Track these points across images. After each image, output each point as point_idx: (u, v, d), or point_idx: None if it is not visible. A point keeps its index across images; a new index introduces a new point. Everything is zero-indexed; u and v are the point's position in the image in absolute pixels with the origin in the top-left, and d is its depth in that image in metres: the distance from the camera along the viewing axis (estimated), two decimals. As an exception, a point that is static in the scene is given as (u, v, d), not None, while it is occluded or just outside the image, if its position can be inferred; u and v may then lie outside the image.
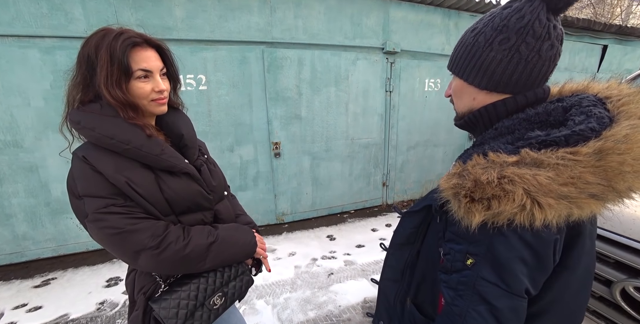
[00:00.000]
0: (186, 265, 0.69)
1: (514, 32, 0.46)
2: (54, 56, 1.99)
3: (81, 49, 0.63)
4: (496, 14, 0.49)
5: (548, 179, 0.38)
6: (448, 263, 0.49)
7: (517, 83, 0.49)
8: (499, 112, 0.52)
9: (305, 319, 1.71)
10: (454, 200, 0.45)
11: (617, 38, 4.10)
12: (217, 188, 0.83)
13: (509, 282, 0.44)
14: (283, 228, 2.89)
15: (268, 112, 2.60)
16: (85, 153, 0.63)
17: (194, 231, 0.71)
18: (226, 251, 0.75)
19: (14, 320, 1.72)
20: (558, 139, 0.41)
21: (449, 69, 0.57)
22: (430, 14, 2.98)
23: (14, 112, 1.99)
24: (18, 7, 1.87)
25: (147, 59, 0.64)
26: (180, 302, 0.68)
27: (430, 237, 0.60)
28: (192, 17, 2.22)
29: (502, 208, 0.40)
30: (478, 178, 0.42)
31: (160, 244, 0.64)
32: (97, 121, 0.62)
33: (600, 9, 8.64)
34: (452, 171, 0.47)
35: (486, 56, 0.49)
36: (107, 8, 2.03)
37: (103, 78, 0.60)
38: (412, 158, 3.41)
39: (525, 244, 0.43)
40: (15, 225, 2.16)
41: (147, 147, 0.65)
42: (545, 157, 0.40)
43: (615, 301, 0.85)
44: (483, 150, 0.47)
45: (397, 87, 3.06)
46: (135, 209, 0.64)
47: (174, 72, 0.74)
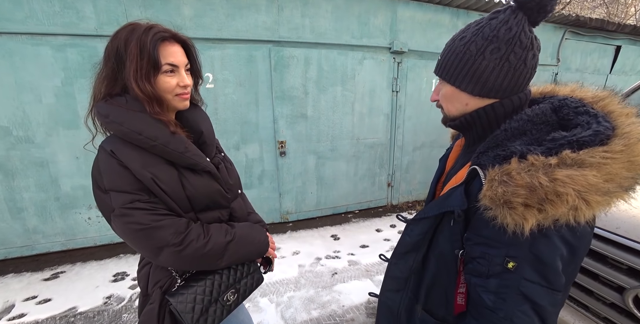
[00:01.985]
0: (205, 262, 0.70)
1: (503, 42, 0.49)
2: (65, 54, 2.02)
3: (110, 43, 0.63)
4: (484, 24, 0.51)
5: (595, 177, 0.40)
6: (483, 267, 0.49)
7: (505, 89, 0.53)
8: (498, 113, 0.55)
9: (308, 319, 1.72)
10: (501, 208, 0.44)
11: (631, 38, 4.00)
12: (234, 186, 0.84)
13: (551, 280, 0.46)
14: (287, 227, 2.89)
15: (274, 111, 2.61)
16: (113, 147, 0.63)
17: (213, 229, 0.72)
18: (242, 250, 0.76)
19: (24, 311, 1.76)
20: (589, 139, 0.44)
21: (438, 75, 0.58)
22: (439, 13, 2.95)
23: (26, 109, 2.03)
24: (31, 6, 1.90)
25: (174, 53, 0.65)
26: (196, 297, 0.69)
27: (441, 240, 0.59)
28: (200, 16, 2.23)
29: (556, 211, 0.41)
30: (531, 184, 0.42)
31: (182, 242, 0.65)
32: (125, 115, 0.62)
33: (614, 8, 8.44)
34: (492, 177, 0.46)
35: (479, 65, 0.51)
36: (117, 6, 2.05)
37: (132, 71, 0.61)
38: (418, 159, 3.39)
39: (565, 242, 0.46)
40: (27, 219, 2.21)
41: (173, 144, 0.66)
42: (587, 157, 0.42)
43: (627, 308, 0.83)
44: (510, 152, 0.47)
45: (403, 87, 3.03)
46: (158, 206, 0.65)
47: (197, 68, 0.75)
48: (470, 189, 0.53)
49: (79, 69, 2.07)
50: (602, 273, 0.88)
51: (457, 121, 0.60)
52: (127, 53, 0.61)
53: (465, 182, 0.54)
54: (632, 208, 0.87)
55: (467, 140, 0.65)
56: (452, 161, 0.72)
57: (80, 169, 2.24)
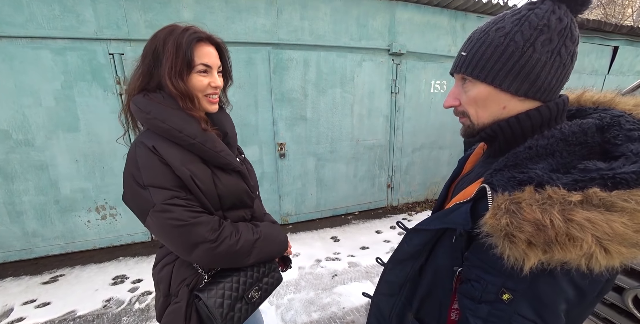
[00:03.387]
0: (234, 259, 0.72)
1: (556, 33, 0.42)
2: (65, 57, 2.03)
3: (149, 42, 0.66)
4: (526, 13, 0.43)
5: (623, 225, 0.33)
6: (476, 292, 0.44)
7: (552, 89, 0.45)
8: (526, 126, 0.46)
9: (309, 321, 1.71)
10: (502, 239, 0.39)
11: (629, 39, 4.02)
12: (254, 188, 0.86)
13: (547, 320, 0.40)
14: (287, 229, 2.89)
15: (273, 113, 2.61)
16: (155, 144, 0.64)
17: (242, 227, 0.75)
18: (267, 248, 0.78)
19: (23, 315, 1.76)
20: (629, 178, 0.35)
21: (467, 74, 0.48)
22: (437, 15, 2.97)
23: (26, 112, 2.04)
24: (31, 9, 1.91)
25: (209, 54, 0.67)
26: (224, 293, 0.71)
27: (441, 253, 0.54)
28: (200, 19, 2.25)
29: (564, 255, 0.35)
30: (541, 221, 0.36)
31: (217, 238, 0.67)
32: (166, 113, 0.64)
33: (611, 9, 8.49)
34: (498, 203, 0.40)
35: (528, 58, 0.43)
36: (117, 10, 2.07)
37: (167, 68, 0.63)
38: (417, 160, 3.39)
39: (574, 286, 0.39)
40: (26, 222, 2.21)
41: (209, 143, 0.68)
42: (619, 200, 0.34)
43: (627, 308, 0.83)
44: (527, 177, 0.41)
45: (402, 89, 3.05)
46: (194, 203, 0.67)
47: (228, 70, 0.77)
48: (478, 207, 0.46)
49: (79, 72, 2.08)
50: (601, 273, 0.88)
51: (479, 135, 0.51)
52: (164, 51, 0.63)
53: (473, 200, 0.47)
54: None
55: (490, 149, 0.57)
56: (471, 164, 0.66)
57: (79, 172, 2.24)
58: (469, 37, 0.50)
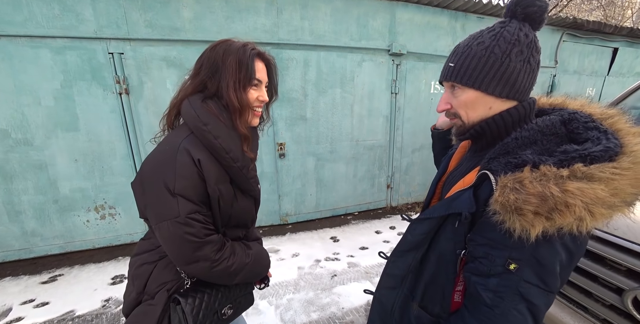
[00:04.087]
0: (224, 278, 0.73)
1: (525, 46, 0.53)
2: (64, 56, 2.02)
3: (207, 52, 0.68)
4: (499, 30, 0.54)
5: (603, 191, 0.43)
6: (485, 267, 0.52)
7: (525, 90, 0.56)
8: (508, 122, 0.56)
9: (308, 321, 1.71)
10: (511, 214, 0.46)
11: (629, 41, 4.03)
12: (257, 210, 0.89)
13: (548, 282, 0.49)
14: (287, 229, 2.89)
15: (273, 113, 2.61)
16: (201, 157, 0.64)
17: (238, 249, 0.75)
18: (253, 271, 0.79)
19: (22, 315, 1.75)
20: (599, 155, 0.46)
21: (457, 82, 0.57)
22: (437, 15, 2.97)
23: (25, 111, 2.03)
24: (31, 8, 1.91)
25: (261, 70, 0.70)
26: (203, 302, 0.71)
27: (443, 240, 0.60)
28: (200, 18, 2.24)
29: (563, 220, 0.43)
30: (543, 193, 0.44)
31: (218, 259, 0.68)
32: (222, 131, 0.66)
33: (611, 11, 8.50)
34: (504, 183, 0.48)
35: (507, 66, 0.53)
36: (116, 9, 2.06)
37: (232, 82, 0.65)
38: (417, 160, 3.39)
39: (565, 249, 0.49)
40: (24, 222, 2.20)
41: (246, 169, 0.70)
42: (597, 172, 0.44)
43: (626, 309, 0.83)
44: (522, 161, 0.49)
45: (402, 89, 3.04)
46: (210, 220, 0.69)
47: (275, 86, 0.79)
48: (478, 193, 0.54)
49: (78, 71, 2.07)
50: (601, 274, 0.88)
51: (469, 133, 0.60)
52: (224, 64, 0.65)
53: (474, 186, 0.55)
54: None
55: (474, 145, 0.66)
56: (456, 161, 0.73)
57: (79, 171, 2.23)
58: (454, 50, 0.59)
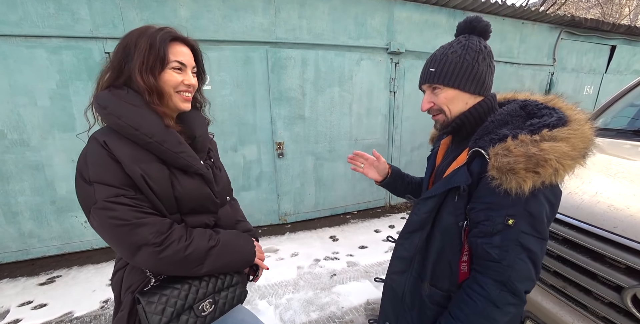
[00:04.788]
0: (184, 266, 0.67)
1: (486, 54, 0.69)
2: (60, 56, 2.01)
3: (122, 39, 0.66)
4: (465, 43, 0.69)
5: (566, 147, 0.57)
6: (488, 228, 0.62)
7: (489, 88, 0.72)
8: (482, 111, 0.71)
9: (307, 321, 1.71)
10: (506, 175, 0.57)
11: (626, 38, 4.03)
12: (220, 193, 0.82)
13: (540, 230, 0.61)
14: (286, 228, 2.88)
15: (272, 112, 2.60)
16: (107, 139, 0.62)
17: (196, 232, 0.71)
18: (225, 257, 0.73)
19: (20, 317, 1.74)
20: (556, 123, 0.62)
21: (439, 83, 0.70)
22: (435, 14, 2.96)
23: (21, 112, 2.01)
24: (25, 8, 1.89)
25: (183, 54, 0.69)
26: (169, 299, 0.65)
27: (445, 216, 0.70)
28: (197, 17, 2.23)
29: (545, 172, 0.56)
30: (527, 153, 0.56)
31: (163, 242, 0.63)
32: (124, 108, 0.62)
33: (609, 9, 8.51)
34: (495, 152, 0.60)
35: (477, 70, 0.68)
36: (112, 8, 2.04)
37: (139, 63, 0.63)
38: (416, 159, 3.39)
39: (547, 201, 0.61)
40: (22, 223, 2.19)
41: (168, 143, 0.65)
42: (559, 134, 0.59)
43: (626, 307, 0.83)
44: (504, 135, 0.62)
45: (401, 88, 3.04)
46: (143, 203, 0.64)
47: (202, 70, 0.78)
48: (471, 168, 0.65)
49: (75, 71, 2.05)
50: (600, 272, 0.88)
51: (451, 126, 0.73)
52: (135, 47, 0.63)
53: (467, 163, 0.66)
54: (629, 207, 0.87)
55: (455, 139, 0.79)
56: (441, 157, 0.85)
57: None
58: (431, 58, 0.72)
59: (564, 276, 1.00)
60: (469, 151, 0.66)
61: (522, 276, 0.61)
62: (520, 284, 0.61)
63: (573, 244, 0.97)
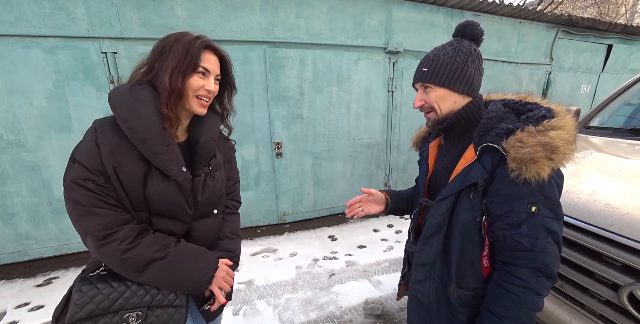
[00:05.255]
0: (121, 269, 0.65)
1: (475, 57, 0.72)
2: (56, 56, 1.99)
3: (159, 41, 0.70)
4: (457, 45, 0.72)
5: (566, 134, 0.62)
6: (513, 219, 0.64)
7: (476, 88, 0.75)
8: (474, 110, 0.74)
9: (306, 320, 1.71)
10: (526, 165, 0.60)
11: (622, 37, 4.05)
12: (202, 204, 0.77)
13: (557, 212, 0.64)
14: (284, 228, 2.88)
15: (270, 112, 2.59)
16: (100, 125, 0.66)
17: (148, 239, 0.67)
18: (168, 275, 0.68)
19: (16, 319, 1.73)
20: (548, 115, 0.66)
21: (431, 82, 0.73)
22: (433, 13, 2.96)
23: (17, 112, 2.00)
24: (21, 7, 1.87)
25: (210, 61, 0.72)
26: (98, 295, 0.62)
27: (462, 214, 0.71)
28: (194, 17, 2.22)
29: (558, 158, 0.60)
30: (542, 142, 0.60)
31: (105, 238, 0.63)
32: (124, 102, 0.65)
33: (605, 8, 8.56)
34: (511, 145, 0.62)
35: (466, 71, 0.71)
36: (109, 8, 2.03)
37: (172, 65, 0.66)
38: (414, 158, 3.38)
39: (556, 184, 0.65)
40: (18, 224, 2.17)
41: (151, 141, 0.65)
42: (556, 123, 0.64)
43: (622, 305, 0.83)
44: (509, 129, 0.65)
45: (399, 87, 3.04)
46: (109, 193, 0.64)
47: (231, 80, 0.81)
48: (483, 163, 0.67)
49: (71, 71, 2.04)
50: (597, 270, 0.89)
51: (446, 122, 0.75)
52: (171, 50, 0.67)
53: (478, 158, 0.68)
54: (625, 206, 0.88)
55: (448, 138, 0.81)
56: (433, 159, 0.87)
57: (73, 172, 2.20)
58: (424, 59, 0.75)
59: (561, 275, 1.00)
60: (475, 147, 0.68)
61: (554, 259, 0.64)
62: (553, 266, 0.64)
63: (570, 243, 0.97)
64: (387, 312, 1.77)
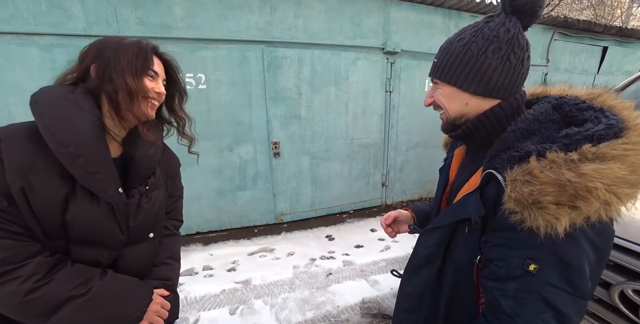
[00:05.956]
0: (19, 314, 0.52)
1: (504, 43, 0.50)
2: (52, 54, 1.98)
3: (90, 47, 0.64)
4: (481, 26, 0.52)
5: (620, 170, 0.39)
6: (501, 270, 0.47)
7: (506, 88, 0.53)
8: (500, 117, 0.54)
9: (303, 320, 1.71)
10: (530, 209, 0.42)
11: (618, 40, 4.10)
12: (135, 229, 0.68)
13: (577, 285, 0.43)
14: (282, 228, 2.88)
15: (267, 112, 2.59)
16: (5, 136, 0.53)
17: (64, 272, 0.56)
18: (87, 315, 0.57)
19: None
20: (604, 133, 0.43)
21: (436, 77, 0.58)
22: (431, 14, 2.98)
23: (12, 111, 1.98)
24: (17, 4, 1.86)
25: (158, 64, 0.69)
26: None
27: (457, 251, 0.56)
28: (192, 16, 2.21)
29: (589, 207, 0.39)
30: (559, 180, 0.40)
31: (2, 276, 0.50)
32: (56, 109, 0.54)
33: (601, 10, 8.64)
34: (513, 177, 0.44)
35: (481, 64, 0.51)
36: (106, 6, 2.02)
37: (126, 67, 0.61)
38: (412, 158, 3.41)
39: (591, 244, 0.43)
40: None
41: (84, 158, 0.55)
42: (608, 150, 0.40)
43: (613, 303, 0.84)
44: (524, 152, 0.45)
45: (397, 88, 3.05)
46: (13, 220, 0.52)
47: (179, 86, 0.75)
48: (485, 194, 0.50)
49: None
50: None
51: (459, 130, 0.58)
52: (120, 51, 0.61)
53: (479, 188, 0.51)
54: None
55: (469, 148, 0.63)
56: (455, 171, 0.69)
57: (69, 171, 2.19)
58: (440, 46, 0.58)
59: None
60: (482, 172, 0.51)
61: None
62: None
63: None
64: (384, 311, 1.78)
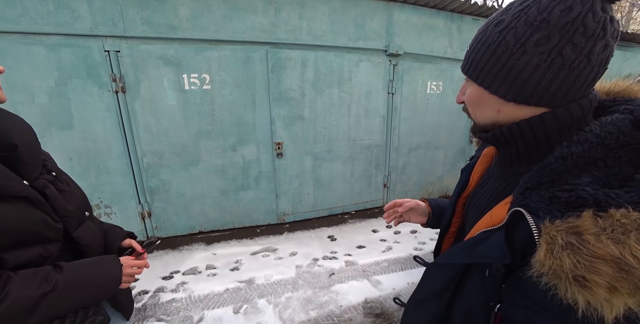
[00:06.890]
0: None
1: (557, 30, 0.34)
2: (59, 53, 1.99)
3: None
4: (529, 4, 0.36)
5: None
6: None
7: (554, 95, 0.37)
8: (549, 128, 0.38)
9: (306, 319, 1.72)
10: (567, 283, 0.30)
11: (618, 44, 4.12)
12: (75, 212, 0.67)
13: None
14: (284, 228, 2.89)
15: (271, 112, 2.61)
16: None
17: (16, 281, 0.54)
18: (73, 297, 0.60)
19: None
20: None
21: (464, 73, 0.44)
22: (434, 17, 3.00)
23: (19, 109, 1.99)
24: (24, 4, 1.87)
25: None
26: None
27: (471, 290, 0.45)
28: (197, 17, 2.23)
29: None
30: (622, 259, 0.27)
31: None
32: None
33: (601, 14, 8.69)
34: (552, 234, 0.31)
35: (517, 60, 0.37)
36: (112, 6, 2.04)
37: None
38: (413, 160, 3.43)
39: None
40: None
41: None
42: None
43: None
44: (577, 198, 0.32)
45: (399, 89, 3.07)
46: None
47: None
48: (512, 236, 0.37)
49: (73, 69, 2.04)
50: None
51: (491, 133, 0.44)
52: None
53: (506, 225, 0.38)
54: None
55: (502, 157, 0.48)
56: (478, 174, 0.57)
57: (73, 170, 2.20)
58: (478, 29, 0.43)
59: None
60: (510, 207, 0.38)
61: None
62: None
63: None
64: (386, 311, 1.79)
